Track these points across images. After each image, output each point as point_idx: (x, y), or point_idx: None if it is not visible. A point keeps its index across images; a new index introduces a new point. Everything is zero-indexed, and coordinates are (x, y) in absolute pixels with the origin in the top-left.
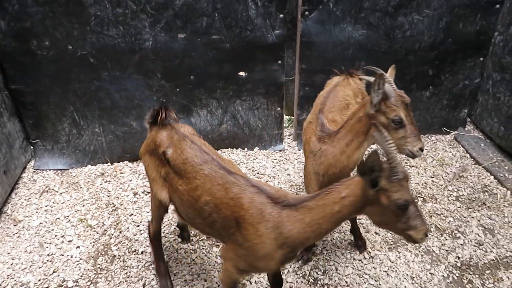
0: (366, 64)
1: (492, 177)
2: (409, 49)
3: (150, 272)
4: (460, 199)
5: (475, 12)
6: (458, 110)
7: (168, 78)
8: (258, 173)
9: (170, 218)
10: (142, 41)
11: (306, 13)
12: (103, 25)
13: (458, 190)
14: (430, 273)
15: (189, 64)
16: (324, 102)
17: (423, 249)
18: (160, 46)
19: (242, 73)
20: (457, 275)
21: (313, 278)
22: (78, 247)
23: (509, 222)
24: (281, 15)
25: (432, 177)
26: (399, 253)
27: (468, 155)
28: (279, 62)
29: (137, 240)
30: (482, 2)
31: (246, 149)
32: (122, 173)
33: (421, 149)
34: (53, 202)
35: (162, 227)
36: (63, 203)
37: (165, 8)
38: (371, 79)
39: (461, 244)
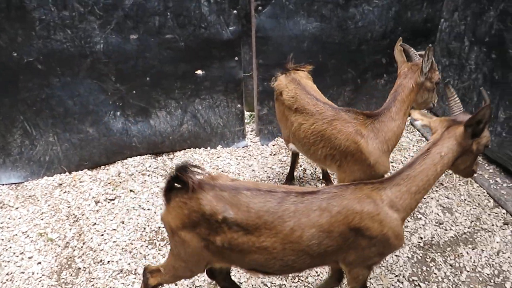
0: (317, 57)
1: None
2: (362, 39)
3: (118, 281)
4: None
5: (422, 0)
6: None
7: (122, 80)
8: (222, 171)
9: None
10: (92, 44)
11: (259, 8)
12: (49, 29)
13: None
14: (396, 256)
15: (144, 65)
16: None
17: None
18: (112, 48)
19: (199, 72)
20: (420, 255)
21: None
22: (40, 263)
23: (465, 199)
24: (235, 11)
25: (392, 163)
26: None
27: (424, 139)
28: (236, 58)
29: (102, 249)
30: None
31: (209, 148)
32: (81, 182)
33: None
34: (9, 218)
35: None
36: (19, 218)
37: (114, 9)
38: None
39: (422, 225)
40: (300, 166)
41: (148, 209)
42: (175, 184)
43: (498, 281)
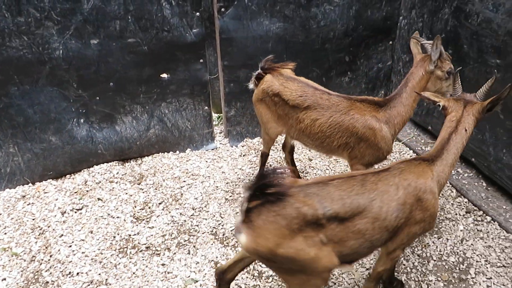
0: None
1: (411, 151)
2: (324, 38)
3: None
4: None
5: None
6: (376, 92)
7: (85, 87)
8: (192, 174)
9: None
10: (51, 50)
11: (222, 9)
12: (4, 36)
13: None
14: None
15: (107, 70)
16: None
17: None
18: (72, 54)
19: (164, 75)
20: None
21: (257, 271)
22: (4, 279)
23: None
24: (197, 13)
25: None
26: None
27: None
28: (201, 60)
29: (71, 261)
30: None
31: (178, 152)
32: (46, 192)
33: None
34: None
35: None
36: None
37: (72, 14)
38: (426, 41)
39: None
40: (270, 166)
41: (117, 217)
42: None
43: (463, 268)
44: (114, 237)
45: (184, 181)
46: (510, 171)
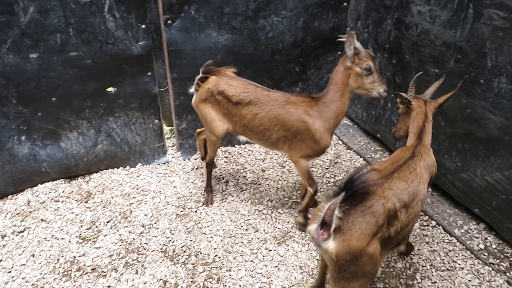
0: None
1: (361, 159)
2: (274, 49)
3: None
4: (337, 184)
5: (327, 10)
6: None
7: (26, 103)
8: (142, 190)
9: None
10: None
11: (169, 22)
12: None
13: (335, 175)
14: (317, 260)
15: (48, 85)
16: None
17: (308, 237)
18: (10, 69)
19: (111, 89)
20: None
21: None
22: None
23: None
24: (143, 26)
25: (312, 168)
26: (288, 246)
27: (340, 142)
28: (149, 73)
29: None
30: (332, 1)
31: (128, 167)
32: None
33: (385, 91)
34: None
35: None
36: None
37: (9, 27)
38: (342, 38)
39: None
40: (223, 178)
41: (62, 238)
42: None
43: (410, 273)
44: (58, 259)
45: (134, 198)
46: (452, 176)
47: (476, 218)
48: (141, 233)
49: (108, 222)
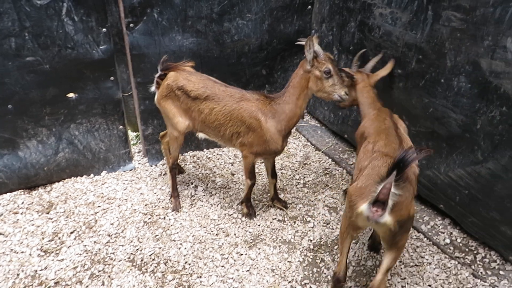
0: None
1: (330, 160)
2: (240, 52)
3: None
4: (307, 185)
5: (292, 13)
6: None
7: None
8: (108, 198)
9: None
10: None
11: (131, 25)
12: None
13: (304, 177)
14: (288, 261)
15: (3, 91)
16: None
17: (279, 240)
18: None
19: (71, 95)
20: (311, 257)
21: None
22: None
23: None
24: (104, 29)
25: (281, 169)
26: (259, 249)
27: (309, 143)
28: (112, 78)
29: None
30: (296, 4)
31: (92, 175)
32: None
33: (346, 93)
34: None
35: None
36: None
37: None
38: (301, 41)
39: (311, 227)
40: (192, 183)
41: (22, 252)
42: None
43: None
44: (18, 274)
45: (99, 206)
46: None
47: (441, 213)
48: (107, 242)
49: (71, 232)
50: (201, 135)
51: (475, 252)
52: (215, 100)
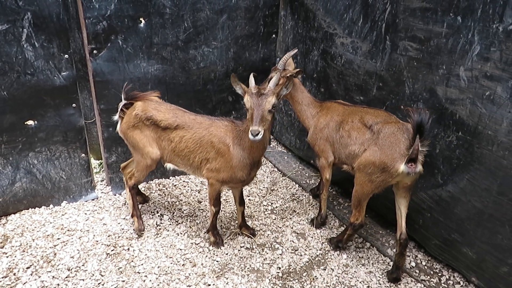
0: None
1: (297, 185)
2: (206, 79)
3: None
4: (275, 212)
5: (257, 41)
6: None
7: None
8: (68, 230)
9: None
10: None
11: (95, 52)
12: None
13: (272, 203)
14: None
15: None
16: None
17: (248, 268)
18: None
19: (30, 122)
20: (280, 285)
21: None
22: None
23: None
24: (66, 56)
25: (249, 196)
26: (227, 278)
27: (276, 169)
28: (74, 105)
29: None
30: (261, 32)
31: (51, 206)
32: None
33: (256, 131)
34: None
35: None
36: None
37: None
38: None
39: (280, 254)
40: (157, 212)
41: None
42: None
43: None
44: None
45: (59, 239)
46: (383, 198)
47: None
48: (66, 277)
49: (28, 267)
50: (169, 166)
51: (439, 274)
52: (185, 128)
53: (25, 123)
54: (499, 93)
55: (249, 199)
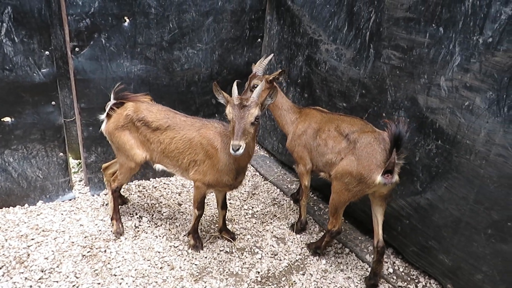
0: None
1: (278, 190)
2: (190, 81)
3: None
4: (255, 216)
5: (242, 45)
6: None
7: None
8: (43, 230)
9: None
10: None
11: (77, 49)
12: None
13: (253, 207)
14: None
15: None
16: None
17: (226, 272)
18: None
19: (7, 119)
20: None
21: None
22: None
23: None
24: (47, 52)
25: (230, 200)
26: (205, 282)
27: (258, 173)
28: (53, 103)
29: None
30: (246, 36)
31: (26, 205)
32: None
33: (236, 145)
34: None
35: None
36: None
37: None
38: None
39: (259, 259)
40: (136, 214)
41: None
42: None
43: None
44: None
45: (33, 239)
46: (362, 204)
47: (384, 243)
48: (39, 279)
49: None
50: (158, 167)
51: (416, 281)
52: (176, 130)
53: (2, 119)
54: (478, 104)
55: (230, 203)
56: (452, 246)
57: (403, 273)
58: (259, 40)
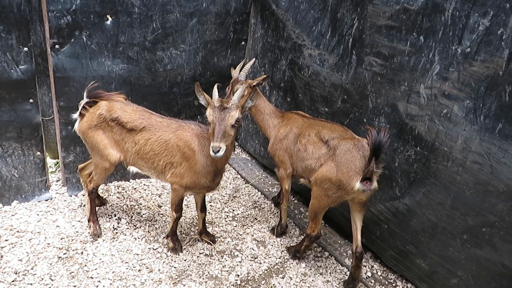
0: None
1: (259, 193)
2: (172, 81)
3: None
4: (236, 219)
5: (226, 47)
6: None
7: None
8: (17, 231)
9: None
10: None
11: (57, 46)
12: None
13: (234, 210)
14: None
15: None
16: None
17: (206, 275)
18: None
19: None
20: None
21: None
22: None
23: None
24: (26, 49)
25: (210, 202)
26: (184, 285)
27: (239, 176)
28: (31, 100)
29: None
30: (230, 39)
31: (1, 205)
32: None
33: (215, 147)
34: None
35: None
36: None
37: None
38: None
39: (239, 262)
40: (115, 215)
41: None
42: None
43: None
44: None
45: (7, 240)
46: (342, 208)
47: (363, 247)
48: (13, 281)
49: None
50: (132, 169)
51: (394, 284)
52: (151, 131)
53: None
54: (456, 112)
55: (210, 205)
56: (428, 250)
57: (381, 277)
58: (243, 43)
